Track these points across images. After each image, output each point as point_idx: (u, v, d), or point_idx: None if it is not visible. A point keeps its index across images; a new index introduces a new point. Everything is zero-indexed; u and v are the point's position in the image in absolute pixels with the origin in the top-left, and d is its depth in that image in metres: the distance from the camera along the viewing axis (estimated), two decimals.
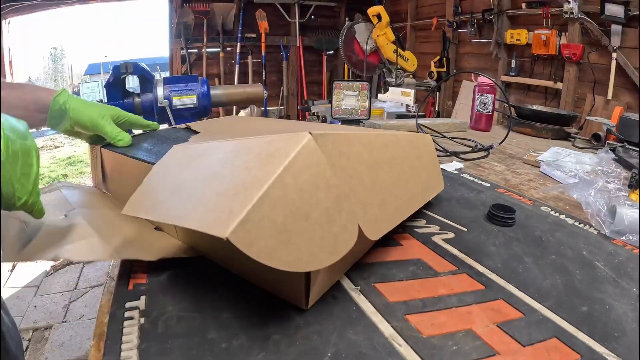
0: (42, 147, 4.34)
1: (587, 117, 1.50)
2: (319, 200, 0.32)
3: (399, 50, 2.12)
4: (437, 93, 2.93)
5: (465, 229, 0.54)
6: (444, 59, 2.93)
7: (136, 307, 0.35)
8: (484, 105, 1.25)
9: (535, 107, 1.38)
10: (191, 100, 0.92)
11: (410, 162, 0.49)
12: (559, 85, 2.40)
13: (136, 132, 0.63)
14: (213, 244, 0.41)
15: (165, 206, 0.36)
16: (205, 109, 0.95)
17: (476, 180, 0.76)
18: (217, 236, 0.26)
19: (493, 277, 0.43)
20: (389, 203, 0.42)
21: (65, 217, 0.47)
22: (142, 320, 0.34)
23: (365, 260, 0.45)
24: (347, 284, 0.40)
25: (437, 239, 0.51)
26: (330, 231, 0.32)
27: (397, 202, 0.44)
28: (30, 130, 0.37)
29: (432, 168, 0.55)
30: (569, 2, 2.14)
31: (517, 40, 2.58)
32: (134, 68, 0.87)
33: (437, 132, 1.17)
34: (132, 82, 0.94)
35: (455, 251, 0.48)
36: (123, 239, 0.43)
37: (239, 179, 0.31)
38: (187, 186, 0.36)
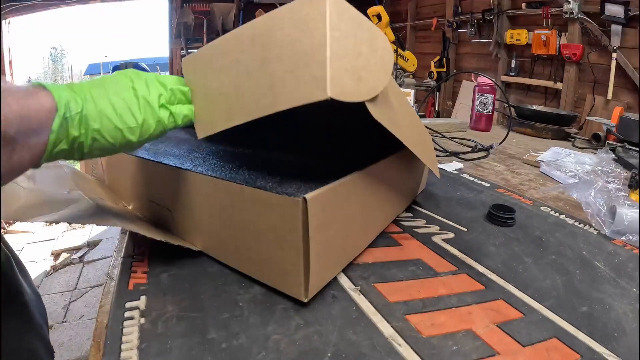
0: None
1: (587, 117, 1.51)
2: (361, 40, 0.34)
3: (399, 50, 2.12)
4: (437, 93, 2.93)
5: (465, 229, 0.54)
6: (444, 59, 2.92)
7: (136, 307, 0.35)
8: (484, 105, 1.25)
9: (535, 107, 1.38)
10: None
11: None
12: (559, 85, 2.40)
13: None
14: (219, 226, 0.41)
15: (238, 108, 0.35)
16: None
17: (476, 180, 0.76)
18: (319, 100, 0.29)
19: (493, 277, 0.43)
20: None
21: (67, 192, 0.47)
22: (142, 320, 0.34)
23: (365, 260, 0.45)
24: (347, 283, 0.40)
25: (437, 239, 0.51)
26: (376, 55, 0.35)
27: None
28: None
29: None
30: (569, 2, 2.14)
31: (517, 40, 2.58)
32: (134, 68, 0.87)
33: (437, 132, 1.17)
34: None
35: (455, 251, 0.48)
36: (125, 217, 0.43)
37: (294, 52, 0.32)
38: (243, 81, 0.35)
